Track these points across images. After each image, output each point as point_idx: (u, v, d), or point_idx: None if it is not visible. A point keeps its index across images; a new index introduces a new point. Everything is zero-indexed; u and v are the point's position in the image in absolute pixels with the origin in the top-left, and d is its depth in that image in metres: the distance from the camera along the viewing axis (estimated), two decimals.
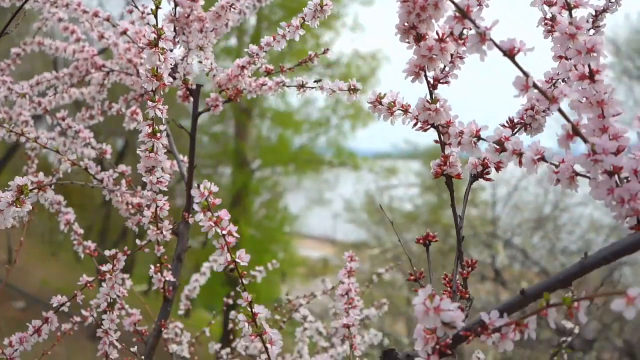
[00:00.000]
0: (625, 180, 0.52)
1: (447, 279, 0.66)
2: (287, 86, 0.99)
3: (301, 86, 0.96)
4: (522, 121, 0.69)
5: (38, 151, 1.26)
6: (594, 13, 0.73)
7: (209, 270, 1.47)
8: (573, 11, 0.61)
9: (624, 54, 8.95)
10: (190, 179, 1.03)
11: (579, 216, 7.48)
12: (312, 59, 1.02)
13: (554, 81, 0.70)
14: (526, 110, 0.69)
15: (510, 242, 6.01)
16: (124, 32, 1.06)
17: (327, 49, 1.00)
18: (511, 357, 5.60)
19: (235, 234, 0.63)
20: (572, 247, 6.65)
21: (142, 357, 0.96)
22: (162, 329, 1.00)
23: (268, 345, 0.65)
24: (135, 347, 0.95)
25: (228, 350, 1.47)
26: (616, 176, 0.53)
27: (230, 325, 1.47)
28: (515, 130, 0.70)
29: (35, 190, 0.67)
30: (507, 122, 0.70)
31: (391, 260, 7.52)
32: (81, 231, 1.11)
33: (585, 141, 0.52)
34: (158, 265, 0.97)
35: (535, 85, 0.51)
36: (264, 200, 11.52)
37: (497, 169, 0.68)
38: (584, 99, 0.55)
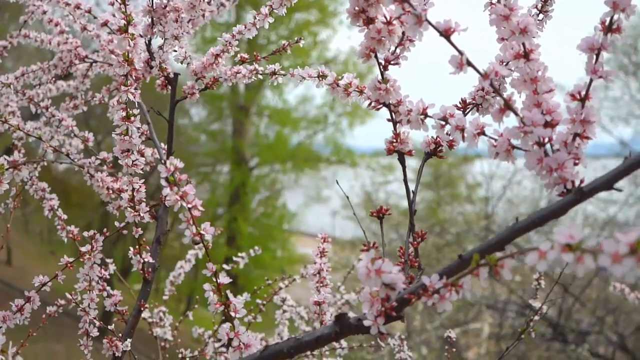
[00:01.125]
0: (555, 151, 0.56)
1: (401, 250, 0.70)
2: (261, 74, 1.03)
3: (273, 73, 1.00)
4: (473, 101, 0.73)
5: (24, 140, 1.30)
6: None
7: (193, 258, 1.51)
8: None
9: (619, 49, 8.99)
10: None
11: (574, 211, 7.53)
12: (286, 48, 1.05)
13: (504, 63, 0.73)
14: (477, 91, 0.73)
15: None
16: (105, 24, 1.09)
17: (300, 38, 1.04)
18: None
19: (200, 208, 0.67)
20: None
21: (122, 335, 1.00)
22: (142, 309, 1.04)
23: (232, 313, 0.69)
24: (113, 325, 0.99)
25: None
26: (548, 147, 0.57)
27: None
28: (468, 110, 0.74)
29: (11, 170, 0.71)
30: (459, 102, 0.74)
31: (387, 255, 7.55)
32: (65, 217, 1.14)
33: (517, 115, 0.56)
34: (137, 247, 1.01)
35: (469, 63, 0.55)
36: (262, 198, 11.56)
37: (450, 147, 0.72)
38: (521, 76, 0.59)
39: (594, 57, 0.56)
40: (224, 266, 1.53)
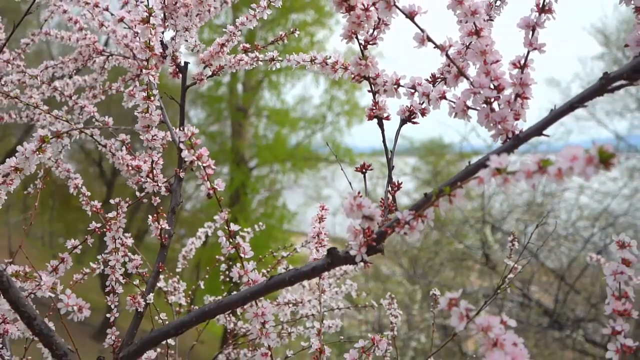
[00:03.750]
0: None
1: (381, 200, 0.83)
2: (261, 61, 1.16)
3: (272, 59, 1.14)
4: (442, 76, 0.87)
5: (49, 127, 1.43)
6: None
7: (204, 235, 1.64)
8: None
9: (613, 44, 9.12)
10: None
11: (571, 204, 7.68)
12: (283, 38, 1.19)
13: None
14: (444, 66, 0.86)
15: (499, 227, 6.19)
16: (121, 20, 1.23)
17: (295, 29, 1.18)
18: None
19: (213, 167, 0.81)
20: (562, 232, 6.84)
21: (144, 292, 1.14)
22: (160, 270, 1.17)
23: (242, 255, 0.82)
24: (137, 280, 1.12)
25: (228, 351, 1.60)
26: (495, 105, 0.71)
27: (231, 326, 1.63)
28: (438, 82, 0.87)
29: (54, 138, 0.85)
30: (430, 76, 0.88)
31: (391, 254, 7.71)
32: (88, 193, 1.28)
33: (468, 79, 0.70)
34: (155, 215, 1.15)
35: (429, 39, 0.69)
36: (262, 198, 11.68)
37: (422, 114, 0.86)
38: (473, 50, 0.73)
39: (530, 32, 0.70)
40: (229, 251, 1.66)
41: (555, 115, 0.64)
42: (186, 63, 1.19)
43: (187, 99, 1.25)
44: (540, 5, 0.70)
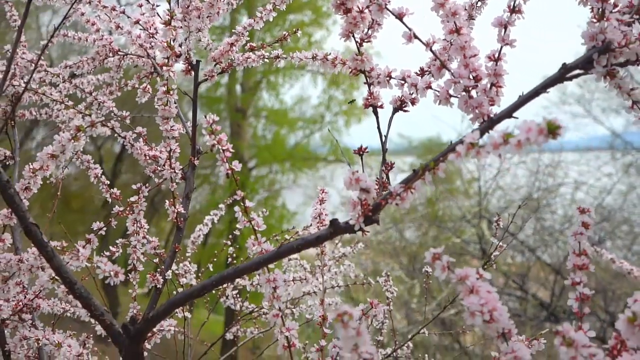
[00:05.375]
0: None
1: (377, 179, 0.95)
2: (267, 58, 1.28)
3: (277, 57, 1.25)
4: (428, 69, 0.98)
5: (67, 122, 1.55)
6: None
7: (210, 222, 1.76)
8: None
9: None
10: (194, 135, 1.32)
11: (569, 199, 7.81)
12: (286, 38, 1.31)
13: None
14: (431, 61, 0.98)
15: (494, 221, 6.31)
16: (137, 22, 1.34)
17: (297, 29, 1.29)
18: None
19: (231, 150, 0.92)
20: (557, 227, 6.97)
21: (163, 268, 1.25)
22: (176, 250, 1.29)
23: (256, 228, 0.94)
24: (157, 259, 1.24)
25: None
26: (473, 93, 0.82)
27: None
28: (425, 74, 0.99)
29: (89, 127, 0.96)
30: (419, 69, 0.99)
31: (390, 252, 7.85)
32: (107, 182, 1.39)
33: (449, 71, 0.81)
34: (172, 200, 1.26)
35: (415, 36, 0.80)
36: (262, 199, 11.79)
37: (412, 103, 0.97)
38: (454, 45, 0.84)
39: (503, 29, 0.81)
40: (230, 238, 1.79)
41: (523, 101, 0.76)
42: (198, 61, 1.30)
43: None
44: (511, 7, 0.81)
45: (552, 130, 0.57)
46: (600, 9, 0.74)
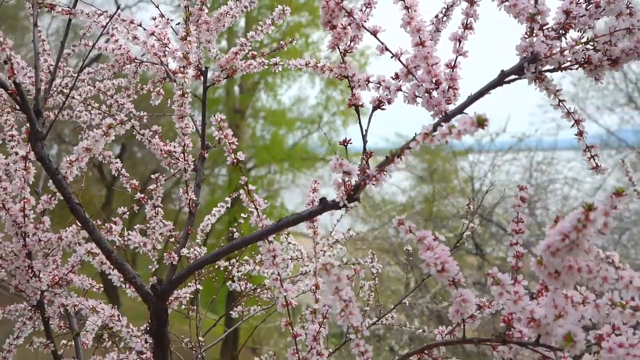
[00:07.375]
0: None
1: (359, 167, 1.14)
2: (267, 65, 1.47)
3: (276, 63, 1.45)
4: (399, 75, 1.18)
5: (88, 123, 1.74)
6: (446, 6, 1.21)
7: (218, 213, 1.96)
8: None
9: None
10: (204, 133, 1.51)
11: (561, 195, 8.01)
12: (283, 47, 1.50)
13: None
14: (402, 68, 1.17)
15: (487, 217, 6.52)
16: (152, 34, 1.54)
17: (293, 39, 1.49)
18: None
19: (236, 142, 1.12)
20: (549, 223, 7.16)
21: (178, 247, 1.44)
22: (189, 233, 1.48)
23: (258, 207, 1.13)
24: (174, 239, 1.43)
25: None
26: (434, 93, 1.02)
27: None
28: (398, 79, 1.18)
29: (119, 125, 1.15)
30: (394, 74, 1.18)
31: (390, 251, 8.04)
32: (127, 174, 1.58)
33: (414, 76, 1.01)
34: (185, 187, 1.46)
35: (386, 49, 1.00)
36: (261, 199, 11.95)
37: (389, 102, 1.17)
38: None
39: (457, 43, 1.01)
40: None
41: (470, 101, 0.96)
42: (206, 68, 1.50)
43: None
44: (465, 24, 1.01)
45: (480, 122, 0.76)
46: (530, 27, 0.93)
